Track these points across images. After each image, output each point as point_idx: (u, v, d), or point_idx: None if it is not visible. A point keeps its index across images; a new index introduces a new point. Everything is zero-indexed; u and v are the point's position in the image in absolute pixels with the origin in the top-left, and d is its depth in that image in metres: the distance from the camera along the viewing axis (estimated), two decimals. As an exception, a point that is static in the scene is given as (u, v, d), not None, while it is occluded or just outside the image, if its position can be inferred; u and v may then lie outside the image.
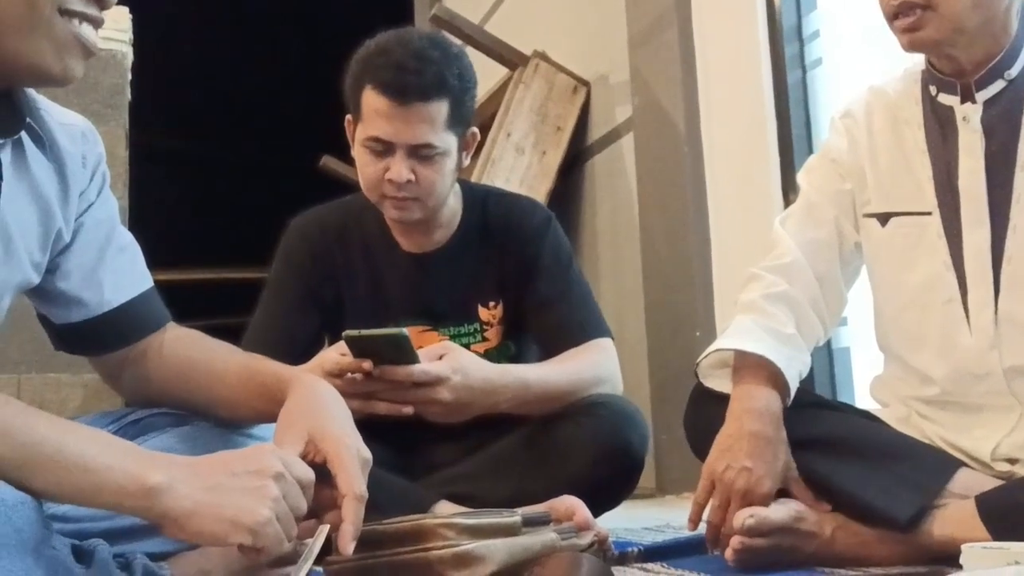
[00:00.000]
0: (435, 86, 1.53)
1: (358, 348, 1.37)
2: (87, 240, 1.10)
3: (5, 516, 0.74)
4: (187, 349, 1.17)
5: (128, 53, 2.26)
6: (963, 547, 0.96)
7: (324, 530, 0.89)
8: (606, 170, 3.46)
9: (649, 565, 1.37)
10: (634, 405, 1.70)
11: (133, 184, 2.44)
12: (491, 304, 1.70)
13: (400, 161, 1.54)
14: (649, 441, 1.65)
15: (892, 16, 1.33)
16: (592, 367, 1.63)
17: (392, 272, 1.69)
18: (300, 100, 6.34)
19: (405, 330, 1.34)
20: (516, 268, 1.68)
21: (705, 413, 1.43)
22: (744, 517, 1.24)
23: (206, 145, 6.40)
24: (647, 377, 3.01)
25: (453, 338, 1.67)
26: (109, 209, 1.13)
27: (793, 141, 2.61)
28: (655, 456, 2.82)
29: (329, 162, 4.75)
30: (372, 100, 1.54)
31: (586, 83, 3.54)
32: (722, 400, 1.37)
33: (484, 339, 1.69)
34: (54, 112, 1.05)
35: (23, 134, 0.98)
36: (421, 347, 1.61)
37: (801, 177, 1.53)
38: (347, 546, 0.94)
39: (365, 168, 1.59)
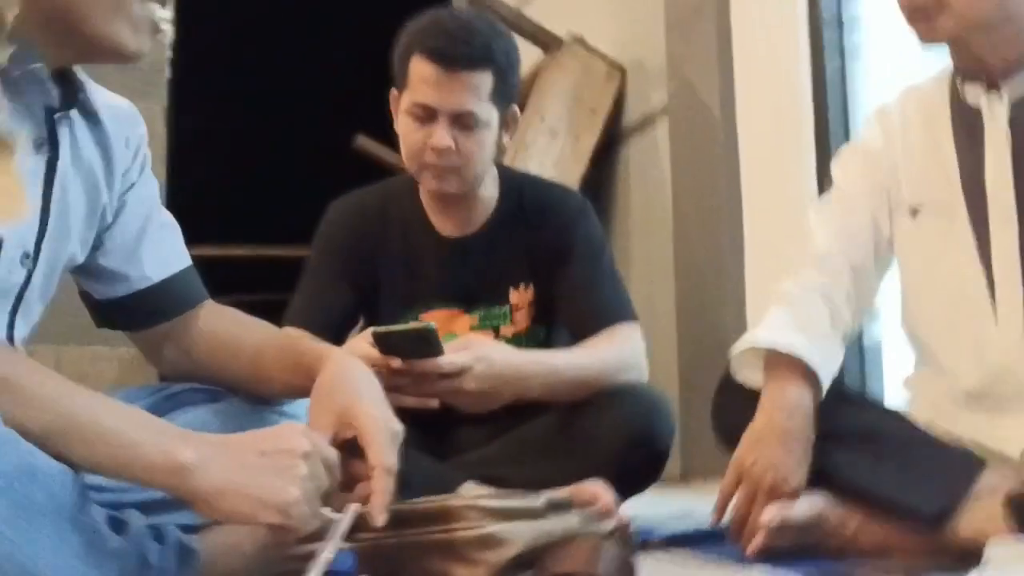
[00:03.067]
0: (481, 56, 1.57)
1: (386, 345, 1.38)
2: (129, 218, 1.13)
3: (44, 485, 0.76)
4: (224, 326, 1.20)
5: (168, 31, 2.28)
6: (988, 544, 0.96)
7: (352, 509, 0.90)
8: (640, 156, 3.45)
9: (672, 551, 1.38)
10: (661, 393, 1.70)
11: (172, 159, 2.48)
12: (522, 287, 1.71)
13: (442, 128, 1.57)
14: (675, 430, 1.66)
15: (908, 12, 1.34)
16: (618, 353, 1.63)
17: (428, 255, 1.71)
18: (338, 79, 6.37)
19: (432, 324, 1.35)
20: (549, 252, 1.69)
21: (733, 404, 1.43)
22: (770, 516, 1.24)
23: (244, 122, 6.46)
24: (676, 364, 3.01)
25: (482, 320, 1.69)
26: (150, 188, 1.16)
27: (830, 130, 2.58)
28: (682, 442, 2.82)
29: (365, 142, 4.77)
30: (419, 67, 1.58)
31: (622, 68, 3.52)
32: (750, 392, 1.38)
33: (513, 322, 1.70)
34: (100, 92, 1.09)
35: (74, 111, 1.02)
36: (452, 332, 1.66)
37: (834, 169, 1.53)
38: (378, 517, 0.95)
39: (408, 136, 1.62)
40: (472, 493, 1.54)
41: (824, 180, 2.53)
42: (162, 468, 0.83)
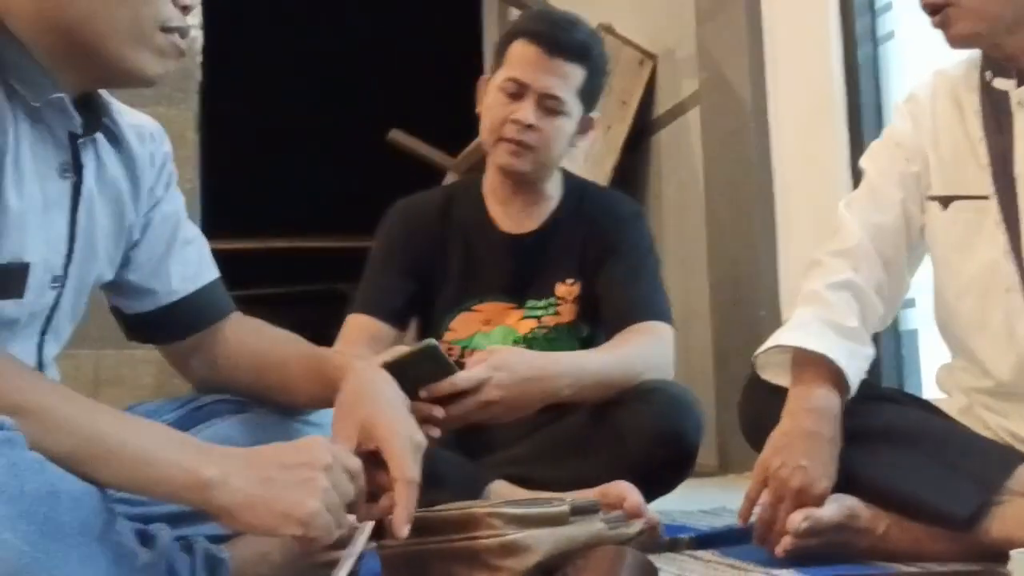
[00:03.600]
0: (580, 50, 1.68)
1: (398, 374, 1.38)
2: (156, 234, 1.15)
3: (71, 507, 0.78)
4: (252, 338, 1.21)
5: (198, 37, 2.31)
6: (1012, 554, 0.95)
7: (368, 526, 0.92)
8: (672, 145, 3.43)
9: (700, 553, 1.37)
10: (689, 391, 1.70)
11: (204, 153, 2.51)
12: (569, 281, 1.75)
13: (528, 106, 1.66)
14: (703, 428, 1.65)
15: (928, 15, 1.31)
16: (642, 352, 1.63)
17: (486, 251, 1.76)
18: (370, 74, 6.39)
19: (433, 341, 1.35)
20: (598, 250, 1.74)
21: (760, 403, 1.42)
22: (798, 520, 1.23)
23: (277, 116, 6.51)
24: (711, 356, 2.99)
25: (528, 311, 1.73)
26: (175, 204, 1.18)
27: (863, 117, 2.54)
28: (717, 435, 2.81)
29: (397, 135, 4.79)
30: (520, 48, 1.69)
31: (652, 57, 3.50)
32: (778, 392, 1.36)
33: (556, 313, 1.74)
34: (125, 114, 1.10)
35: (99, 134, 1.04)
36: (504, 324, 1.72)
37: (865, 161, 1.50)
38: (401, 529, 0.96)
39: (493, 109, 1.71)
40: (502, 491, 1.55)
41: (857, 168, 2.51)
42: (186, 485, 0.84)
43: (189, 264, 1.18)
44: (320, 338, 1.30)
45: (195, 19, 1.01)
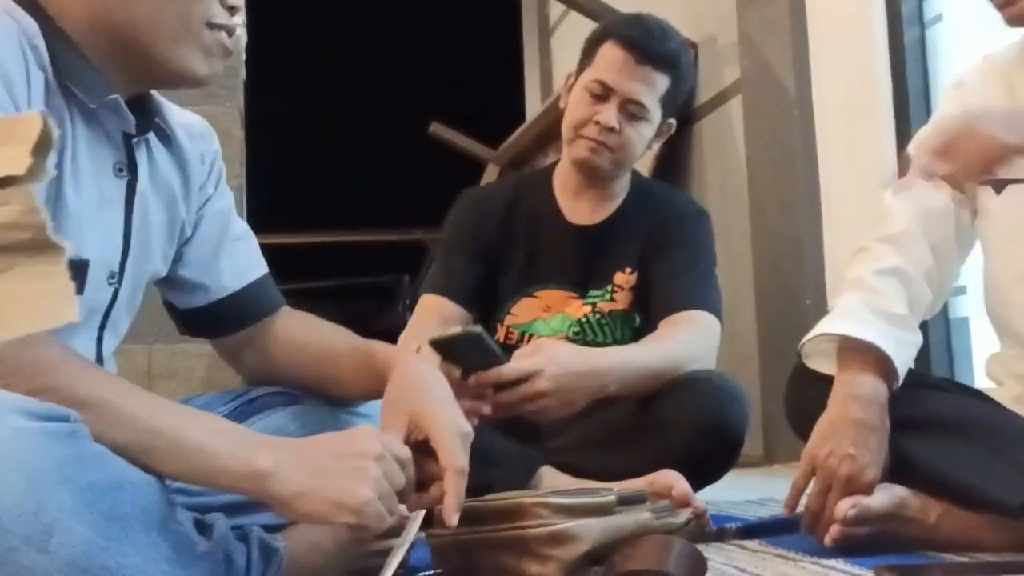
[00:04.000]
0: (668, 60, 1.73)
1: (442, 352, 1.39)
2: (207, 231, 1.17)
3: (133, 496, 0.80)
4: (301, 332, 1.23)
5: (243, 36, 2.34)
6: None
7: (420, 515, 0.93)
8: (714, 134, 3.40)
9: (747, 542, 1.37)
10: (735, 381, 1.69)
11: (250, 154, 2.54)
12: (627, 270, 1.79)
13: (612, 109, 1.71)
14: (749, 417, 1.65)
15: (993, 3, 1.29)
16: (684, 344, 1.64)
17: (551, 241, 1.81)
18: (411, 68, 6.42)
19: (479, 328, 1.37)
20: (658, 243, 1.78)
21: (806, 392, 1.41)
22: (846, 508, 1.22)
23: (319, 111, 6.57)
24: (756, 345, 2.97)
25: (587, 298, 1.77)
26: (226, 201, 1.21)
27: (909, 103, 2.51)
28: (763, 425, 2.80)
29: (438, 129, 4.82)
30: (610, 51, 1.73)
31: (693, 44, 3.47)
32: (824, 380, 1.35)
33: (612, 299, 1.78)
34: (175, 113, 1.13)
35: (151, 133, 1.06)
36: (564, 312, 1.77)
37: (912, 148, 1.48)
38: (451, 517, 0.98)
39: (577, 107, 1.75)
40: (551, 478, 1.56)
41: (904, 155, 2.47)
42: (243, 476, 0.86)
43: (239, 260, 1.20)
44: (366, 330, 1.31)
45: (240, 18, 1.02)
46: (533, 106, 5.28)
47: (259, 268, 1.23)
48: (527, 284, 1.80)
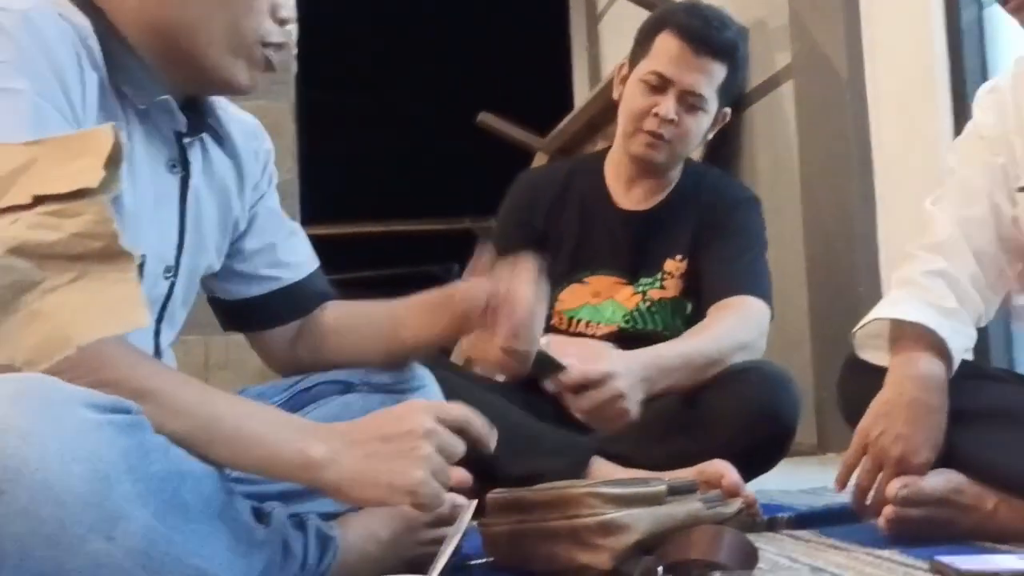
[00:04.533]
0: (726, 49, 1.72)
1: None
2: (263, 226, 1.21)
3: (193, 486, 0.83)
4: (352, 315, 1.28)
5: (294, 30, 2.37)
6: None
7: (472, 504, 0.94)
8: (764, 119, 3.36)
9: (798, 532, 1.36)
10: (786, 369, 1.68)
11: (301, 146, 2.58)
12: (678, 257, 1.79)
13: (670, 100, 1.70)
14: (800, 406, 1.63)
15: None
16: (733, 333, 1.63)
17: (602, 226, 1.82)
18: (459, 57, 6.43)
19: (544, 338, 1.35)
20: (709, 229, 1.78)
21: (859, 381, 1.40)
22: (897, 487, 1.22)
23: (367, 101, 6.62)
24: (808, 333, 2.94)
25: (637, 284, 1.77)
26: (276, 201, 1.25)
27: (967, 86, 2.44)
28: (816, 413, 2.77)
29: (486, 118, 4.82)
30: (667, 41, 1.72)
31: (744, 29, 3.43)
32: (878, 370, 1.34)
33: (663, 287, 1.78)
34: (230, 111, 1.16)
35: (205, 134, 1.09)
36: (613, 298, 1.77)
37: (950, 157, 1.46)
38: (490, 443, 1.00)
39: (633, 100, 1.74)
40: (598, 468, 1.57)
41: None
42: (298, 465, 0.88)
43: (297, 253, 1.25)
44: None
45: (292, 29, 1.04)
46: (581, 94, 5.26)
47: (313, 262, 1.27)
48: (576, 270, 1.80)
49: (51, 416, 0.73)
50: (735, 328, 1.64)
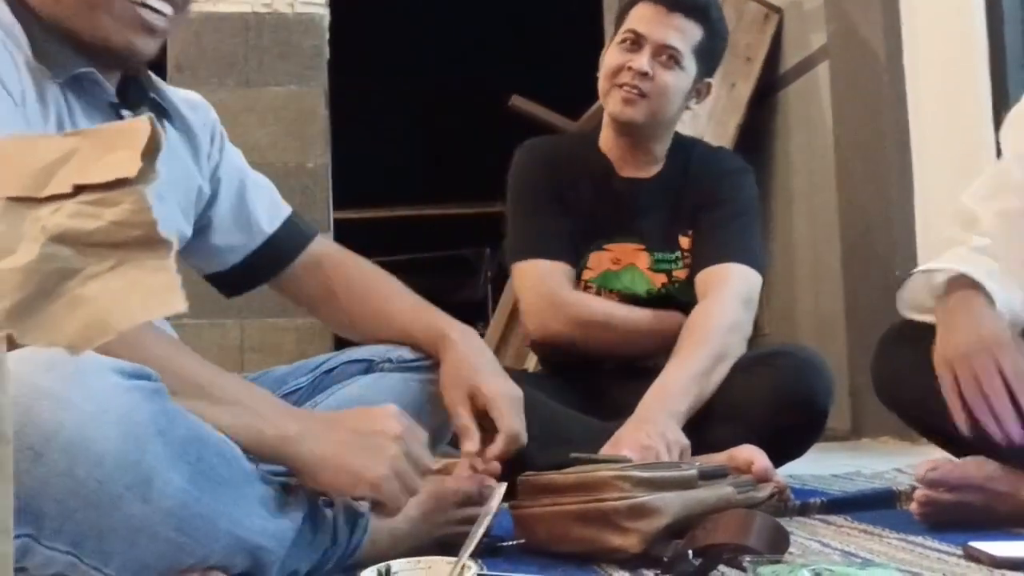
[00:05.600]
0: (698, 9, 1.73)
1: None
2: (229, 188, 1.25)
3: (217, 451, 0.86)
4: (348, 266, 1.31)
5: (325, 15, 2.39)
6: None
7: (502, 487, 0.95)
8: (800, 102, 3.32)
9: (831, 517, 1.36)
10: (817, 352, 1.67)
11: (333, 126, 2.60)
12: (689, 233, 1.80)
13: (645, 55, 1.71)
14: (833, 390, 1.62)
15: None
16: (715, 331, 1.61)
17: (612, 196, 1.82)
18: (490, 40, 6.41)
19: (629, 457, 1.36)
20: (704, 200, 1.79)
21: (896, 357, 1.38)
22: (926, 468, 1.21)
23: (398, 85, 6.63)
24: (843, 318, 2.91)
25: (657, 263, 1.79)
26: (235, 159, 1.27)
27: (1007, 67, 2.40)
28: (851, 398, 2.75)
29: (518, 101, 4.81)
30: (640, 9, 1.74)
31: (778, 10, 3.39)
32: (916, 349, 1.32)
33: (684, 266, 1.79)
34: (175, 91, 1.20)
35: (145, 107, 1.11)
36: (634, 264, 1.78)
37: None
38: (490, 464, 1.15)
39: (610, 60, 1.76)
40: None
41: (1001, 120, 2.37)
42: (269, 438, 0.92)
43: (267, 204, 1.28)
44: (448, 303, 1.36)
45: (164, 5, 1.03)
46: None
47: (286, 208, 1.30)
48: (596, 237, 1.81)
49: (83, 382, 0.76)
50: (718, 320, 1.63)
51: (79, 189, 0.31)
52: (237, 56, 2.43)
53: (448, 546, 1.09)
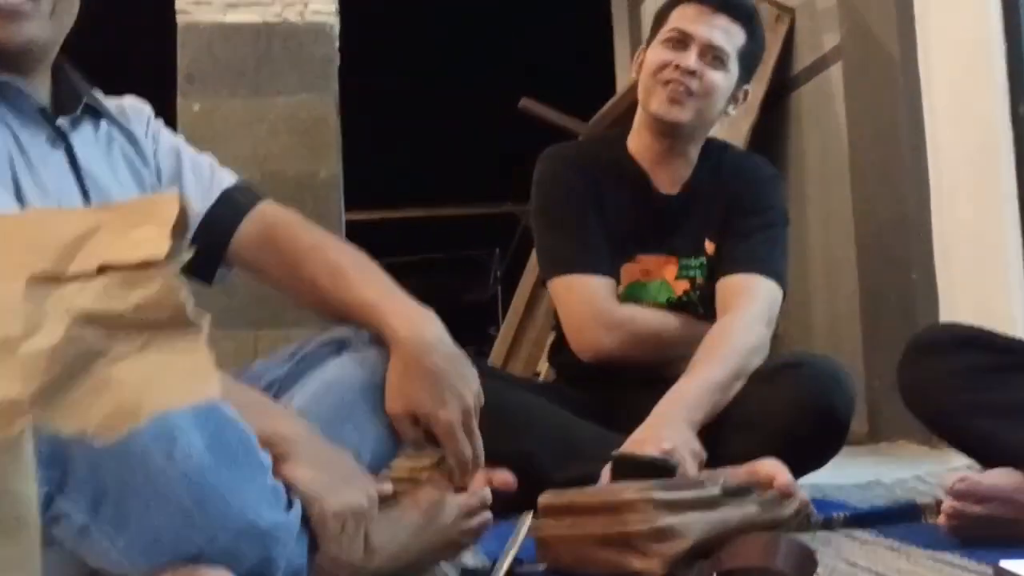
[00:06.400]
0: (743, 13, 1.74)
1: (623, 469, 1.34)
2: (167, 169, 1.21)
3: (234, 429, 0.86)
4: (290, 230, 1.21)
5: (335, 24, 2.37)
6: None
7: (528, 515, 0.94)
8: (813, 103, 3.30)
9: (855, 533, 1.34)
10: (839, 363, 1.65)
11: (344, 127, 2.58)
12: (716, 237, 1.78)
13: (692, 54, 1.69)
14: (854, 400, 1.60)
15: None
16: (738, 349, 1.59)
17: (643, 206, 1.79)
18: (500, 42, 6.40)
19: (674, 460, 1.34)
20: (736, 205, 1.77)
21: (925, 367, 1.36)
22: (955, 479, 1.19)
23: (410, 86, 6.62)
24: (859, 319, 2.89)
25: (683, 268, 1.77)
26: (168, 141, 1.22)
27: (1024, 65, 2.37)
28: (868, 402, 2.72)
29: (528, 103, 4.79)
30: (685, 8, 1.73)
31: (790, 10, 3.36)
32: (942, 352, 1.30)
33: (707, 273, 1.76)
34: (110, 99, 1.19)
35: (80, 112, 1.11)
36: (662, 277, 1.76)
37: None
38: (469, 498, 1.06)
39: (654, 58, 1.72)
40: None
41: (1018, 121, 2.35)
42: (271, 435, 0.92)
43: (201, 185, 1.20)
44: (458, 303, 1.32)
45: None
46: (623, 78, 5.20)
47: (225, 181, 1.22)
48: (625, 249, 1.77)
49: None
50: (742, 339, 1.61)
51: (104, 269, 0.30)
52: (247, 66, 2.42)
53: (449, 555, 1.08)
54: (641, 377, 1.75)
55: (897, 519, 1.38)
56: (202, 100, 2.25)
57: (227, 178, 1.23)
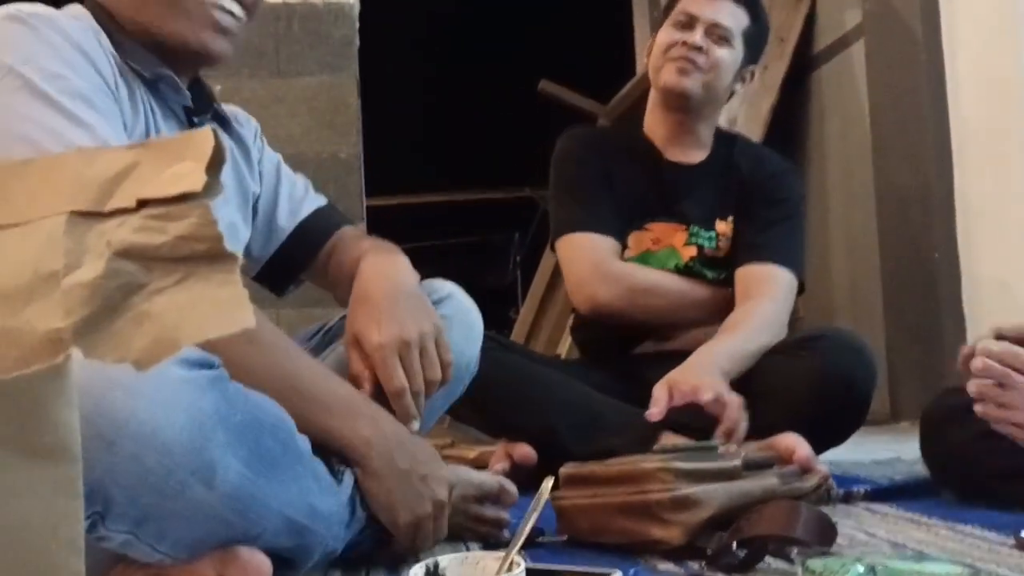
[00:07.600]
0: None
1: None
2: (267, 184, 1.26)
3: (272, 434, 0.88)
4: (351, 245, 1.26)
5: (355, 4, 2.38)
6: None
7: (548, 481, 0.95)
8: (834, 82, 3.27)
9: (876, 506, 1.34)
10: (860, 338, 1.65)
11: (364, 113, 2.59)
12: (729, 219, 1.85)
13: (698, 32, 1.79)
14: (876, 375, 1.60)
15: None
16: (762, 326, 1.66)
17: (655, 178, 1.87)
18: (519, 25, 6.39)
19: (716, 442, 1.38)
20: (753, 194, 1.84)
21: (949, 439, 1.33)
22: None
23: (430, 70, 6.62)
24: (880, 300, 2.88)
25: (692, 236, 1.84)
26: (272, 155, 1.29)
27: (1051, 42, 2.34)
28: (889, 381, 2.71)
29: (547, 86, 4.78)
30: None
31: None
32: (959, 420, 1.27)
33: (717, 247, 1.83)
34: (225, 105, 1.23)
35: (209, 116, 1.15)
36: (672, 245, 1.83)
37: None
38: (410, 424, 1.06)
39: (662, 38, 1.83)
40: (671, 441, 1.56)
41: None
42: (357, 439, 0.97)
43: (290, 199, 1.27)
44: (477, 287, 1.34)
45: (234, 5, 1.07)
46: (643, 60, 5.18)
47: (317, 201, 1.29)
48: (638, 217, 1.84)
49: (152, 372, 0.76)
50: (766, 319, 1.68)
51: (143, 203, 0.31)
52: (268, 47, 2.43)
53: (464, 539, 1.11)
54: (659, 353, 1.76)
55: (916, 493, 1.38)
56: (222, 81, 2.26)
57: (317, 200, 1.30)
